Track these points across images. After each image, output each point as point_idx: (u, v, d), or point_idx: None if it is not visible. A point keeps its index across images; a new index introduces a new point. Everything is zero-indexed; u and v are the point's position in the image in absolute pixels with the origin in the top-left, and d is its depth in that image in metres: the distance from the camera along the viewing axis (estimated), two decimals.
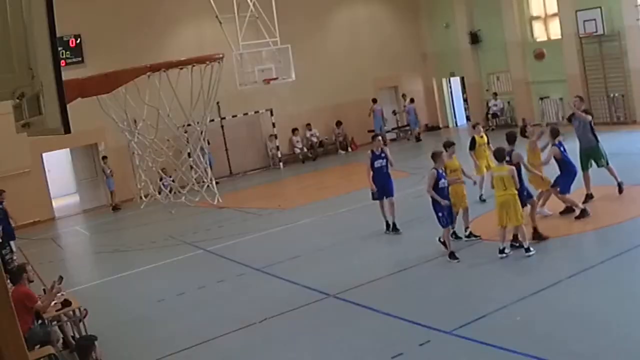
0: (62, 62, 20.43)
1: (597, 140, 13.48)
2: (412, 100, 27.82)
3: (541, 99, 24.81)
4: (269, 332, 9.15)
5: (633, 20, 20.85)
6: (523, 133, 12.55)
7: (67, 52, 21.80)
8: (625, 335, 7.09)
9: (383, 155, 13.16)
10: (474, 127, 15.49)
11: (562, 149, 11.93)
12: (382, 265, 11.12)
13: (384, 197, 13.07)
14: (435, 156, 11.07)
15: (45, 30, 2.81)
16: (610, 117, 22.34)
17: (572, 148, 13.28)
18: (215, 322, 9.76)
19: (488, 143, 14.68)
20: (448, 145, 11.93)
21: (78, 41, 22.16)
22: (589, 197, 12.88)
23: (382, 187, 13.02)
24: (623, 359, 6.69)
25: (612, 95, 22.16)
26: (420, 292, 9.71)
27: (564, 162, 11.90)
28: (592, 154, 13.34)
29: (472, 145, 14.63)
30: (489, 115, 26.51)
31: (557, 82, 23.76)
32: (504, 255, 10.30)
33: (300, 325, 9.23)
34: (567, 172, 11.87)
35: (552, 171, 12.34)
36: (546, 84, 24.45)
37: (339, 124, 26.86)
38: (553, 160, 12.01)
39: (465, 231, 11.81)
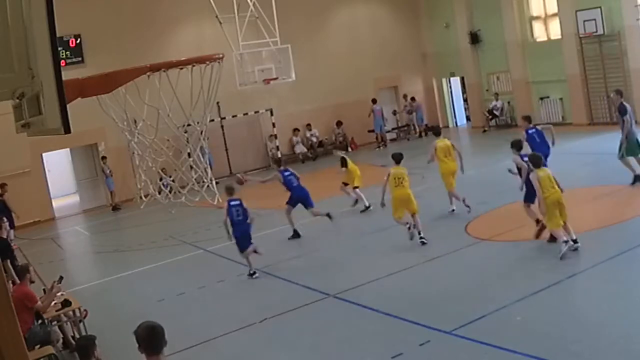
0: (62, 62, 20.44)
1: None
2: (413, 99, 27.90)
3: (541, 99, 24.80)
4: (269, 332, 9.15)
5: (633, 20, 20.84)
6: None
7: (67, 52, 21.81)
8: (625, 335, 7.09)
9: (288, 172, 14.42)
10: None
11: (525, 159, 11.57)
12: (382, 265, 11.11)
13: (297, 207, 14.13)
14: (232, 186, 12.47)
15: (45, 30, 2.81)
16: (610, 117, 22.32)
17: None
18: (215, 322, 9.76)
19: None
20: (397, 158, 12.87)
21: (78, 41, 22.16)
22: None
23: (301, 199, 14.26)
24: (623, 359, 6.69)
25: (612, 95, 22.13)
26: (420, 292, 9.71)
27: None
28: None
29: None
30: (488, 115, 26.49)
31: (557, 82, 23.76)
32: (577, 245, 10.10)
33: (300, 325, 9.23)
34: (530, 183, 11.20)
35: None
36: (546, 84, 24.44)
37: (339, 124, 26.87)
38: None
39: (419, 234, 11.96)
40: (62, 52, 21.27)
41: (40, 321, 8.97)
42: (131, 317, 10.68)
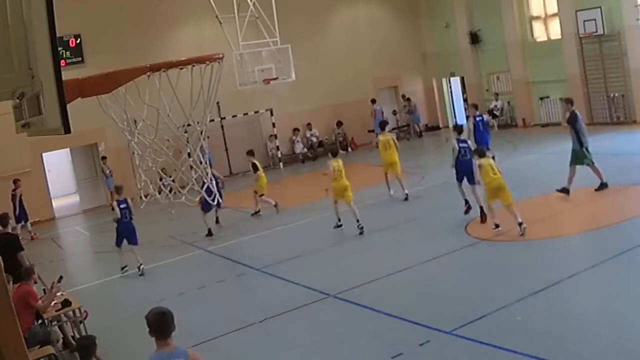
0: (62, 62, 20.43)
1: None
2: (408, 100, 27.98)
3: (541, 99, 24.80)
4: (269, 332, 9.15)
5: (633, 20, 20.84)
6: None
7: (67, 52, 21.81)
8: (624, 335, 7.09)
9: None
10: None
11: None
12: (382, 265, 11.11)
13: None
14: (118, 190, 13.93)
15: (45, 30, 2.81)
16: (610, 117, 22.34)
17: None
18: (215, 322, 9.76)
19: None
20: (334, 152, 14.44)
21: (78, 41, 22.16)
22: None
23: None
24: (622, 359, 6.69)
25: (612, 95, 22.16)
26: (420, 292, 9.71)
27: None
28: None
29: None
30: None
31: (557, 82, 23.76)
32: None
33: (300, 325, 9.23)
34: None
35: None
36: (546, 84, 24.45)
37: (339, 124, 26.86)
38: None
39: (357, 221, 13.40)
40: (62, 52, 21.26)
41: (40, 321, 8.97)
42: (131, 317, 10.67)
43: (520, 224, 11.37)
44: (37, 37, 2.82)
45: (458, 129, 14.65)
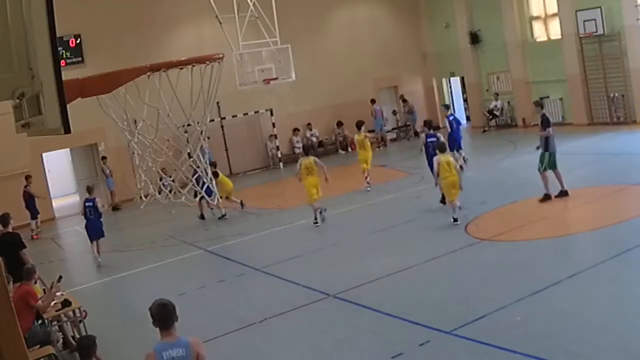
0: (62, 62, 20.44)
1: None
2: (405, 100, 28.02)
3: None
4: (269, 332, 9.16)
5: (633, 20, 20.84)
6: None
7: (67, 52, 21.81)
8: (625, 335, 7.09)
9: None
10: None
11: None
12: (381, 265, 11.12)
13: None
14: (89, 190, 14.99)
15: (45, 30, 2.81)
16: (610, 117, 22.34)
17: None
18: (215, 322, 9.76)
19: None
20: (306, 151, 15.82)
21: (78, 41, 22.16)
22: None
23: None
24: (623, 359, 6.69)
25: (612, 95, 22.15)
26: (420, 292, 9.71)
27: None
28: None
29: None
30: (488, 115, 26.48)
31: (557, 82, 23.77)
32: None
33: (300, 325, 9.23)
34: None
35: None
36: (546, 84, 24.45)
37: (339, 124, 26.85)
38: None
39: (323, 213, 14.84)
40: (62, 52, 21.25)
41: (40, 321, 8.97)
42: (131, 317, 10.70)
43: (455, 219, 12.83)
44: (37, 37, 2.82)
45: (428, 123, 16.69)
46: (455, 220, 12.88)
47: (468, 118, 29.26)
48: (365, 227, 14.12)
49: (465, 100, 29.25)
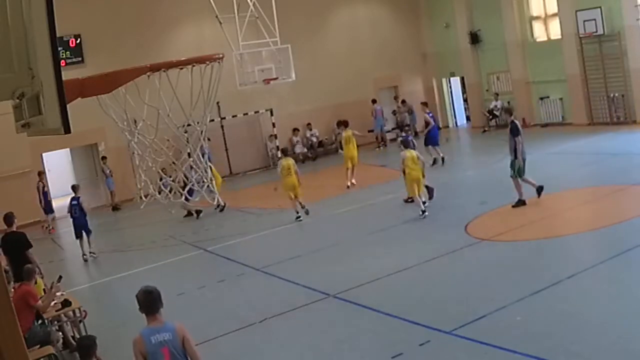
0: (62, 62, 20.44)
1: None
2: (403, 102, 28.04)
3: (541, 99, 24.80)
4: (269, 332, 9.16)
5: (633, 20, 20.84)
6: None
7: (67, 52, 21.81)
8: (625, 334, 7.09)
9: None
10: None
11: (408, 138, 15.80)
12: (381, 265, 11.12)
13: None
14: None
15: (45, 30, 2.81)
16: (610, 117, 22.34)
17: None
18: (215, 322, 9.76)
19: None
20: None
21: (78, 41, 22.16)
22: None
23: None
24: (623, 359, 6.69)
25: (612, 95, 22.15)
26: (420, 292, 9.71)
27: None
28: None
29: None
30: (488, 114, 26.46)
31: (557, 82, 23.76)
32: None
33: (300, 325, 9.23)
34: None
35: None
36: (546, 84, 24.45)
37: (339, 124, 26.80)
38: None
39: (303, 208, 15.64)
40: (62, 52, 21.25)
41: (40, 321, 8.97)
42: (131, 317, 10.64)
43: (423, 211, 13.81)
44: (37, 37, 2.82)
45: (402, 126, 18.45)
46: (423, 212, 13.71)
47: (468, 118, 29.26)
48: (365, 227, 14.11)
49: (465, 100, 29.24)
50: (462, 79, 28.61)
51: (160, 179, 19.05)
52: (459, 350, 7.49)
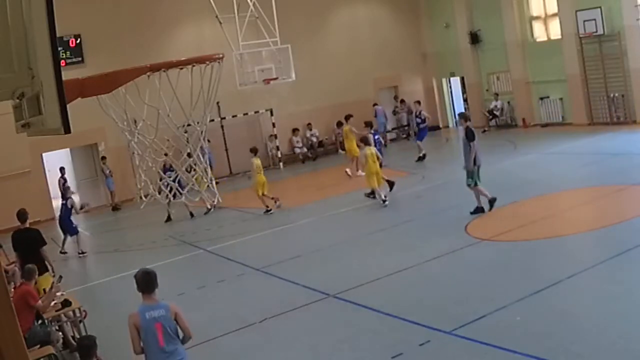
0: (62, 62, 20.44)
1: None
2: (402, 101, 28.04)
3: (541, 99, 24.80)
4: (269, 332, 9.15)
5: (633, 20, 20.84)
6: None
7: (67, 52, 21.81)
8: (625, 335, 7.09)
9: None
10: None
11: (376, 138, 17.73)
12: (382, 265, 11.12)
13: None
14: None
15: (45, 30, 2.81)
16: (610, 117, 22.34)
17: None
18: (215, 322, 9.76)
19: None
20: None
21: (78, 41, 22.17)
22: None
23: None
24: (623, 359, 6.69)
25: (612, 95, 22.15)
26: (420, 292, 9.71)
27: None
28: None
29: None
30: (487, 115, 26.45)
31: (557, 82, 23.76)
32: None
33: (300, 325, 9.23)
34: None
35: None
36: (546, 84, 24.45)
37: (339, 124, 26.81)
38: None
39: (273, 205, 16.92)
40: (62, 52, 21.26)
41: (40, 321, 8.97)
42: None
43: (384, 200, 15.30)
44: (37, 37, 2.82)
45: (369, 123, 20.25)
46: (384, 201, 15.28)
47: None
48: (365, 227, 14.11)
49: (465, 100, 29.23)
50: (462, 79, 28.61)
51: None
52: (459, 350, 7.49)
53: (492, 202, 13.27)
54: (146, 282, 6.18)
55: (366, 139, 16.19)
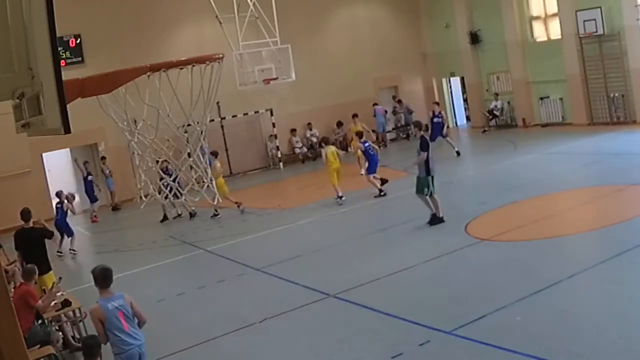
0: (62, 62, 20.44)
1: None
2: (400, 101, 28.03)
3: (541, 99, 24.80)
4: (269, 332, 9.15)
5: (633, 20, 20.84)
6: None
7: (67, 52, 21.81)
8: (625, 335, 7.09)
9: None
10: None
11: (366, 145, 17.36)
12: (382, 265, 11.12)
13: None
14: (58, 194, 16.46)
15: (45, 30, 2.81)
16: (610, 117, 22.34)
17: None
18: (215, 322, 9.76)
19: None
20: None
21: (78, 41, 22.16)
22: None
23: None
24: (623, 359, 6.69)
25: (612, 95, 22.15)
26: (420, 292, 9.70)
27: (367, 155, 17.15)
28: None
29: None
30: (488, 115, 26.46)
31: (557, 82, 23.76)
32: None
33: (300, 325, 9.23)
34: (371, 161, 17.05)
35: None
36: (546, 84, 24.45)
37: (339, 124, 26.84)
38: None
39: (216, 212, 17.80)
40: (62, 52, 21.25)
41: (40, 321, 8.97)
42: None
43: (340, 197, 16.43)
44: (37, 37, 2.82)
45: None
46: (340, 197, 16.39)
47: (468, 118, 29.25)
48: (365, 227, 14.12)
49: (465, 100, 29.24)
50: (462, 79, 28.62)
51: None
52: (459, 350, 7.49)
53: (433, 219, 13.00)
54: (103, 277, 6.96)
55: (327, 139, 18.09)
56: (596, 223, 11.80)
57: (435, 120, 21.73)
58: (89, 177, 20.92)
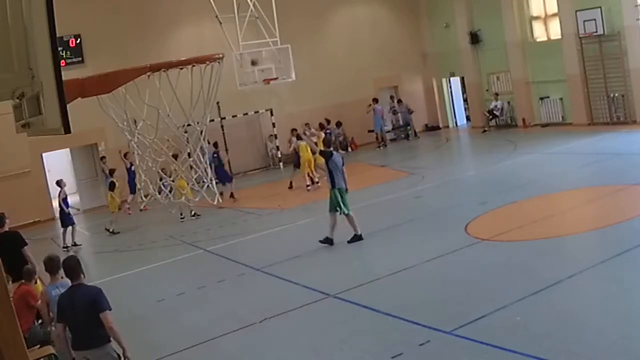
0: (62, 62, 20.44)
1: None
2: (400, 101, 28.04)
3: (541, 99, 24.80)
4: (269, 332, 9.15)
5: (633, 20, 20.83)
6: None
7: (67, 52, 21.81)
8: (625, 335, 7.08)
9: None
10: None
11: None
12: (382, 265, 11.12)
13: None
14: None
15: (45, 30, 2.81)
16: (610, 117, 22.34)
17: None
18: (215, 322, 9.76)
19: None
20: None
21: (78, 41, 22.17)
22: None
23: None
24: (623, 359, 6.69)
25: (612, 95, 22.15)
26: (420, 292, 9.70)
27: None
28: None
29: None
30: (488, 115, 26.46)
31: (557, 82, 23.76)
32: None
33: (300, 325, 9.23)
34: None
35: None
36: (546, 84, 24.45)
37: (339, 124, 26.84)
38: None
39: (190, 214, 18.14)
40: (62, 52, 21.26)
41: (40, 321, 8.97)
42: (131, 317, 10.68)
43: (314, 182, 19.02)
44: (37, 37, 2.82)
45: (323, 125, 22.33)
46: (308, 186, 18.50)
47: (468, 118, 29.25)
48: (366, 227, 14.10)
49: (465, 100, 29.24)
50: (462, 79, 28.62)
51: (160, 179, 19.04)
52: (459, 350, 7.49)
53: (326, 240, 12.74)
54: (52, 265, 7.66)
55: (299, 135, 19.91)
56: (596, 223, 11.80)
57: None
58: (132, 167, 20.67)
